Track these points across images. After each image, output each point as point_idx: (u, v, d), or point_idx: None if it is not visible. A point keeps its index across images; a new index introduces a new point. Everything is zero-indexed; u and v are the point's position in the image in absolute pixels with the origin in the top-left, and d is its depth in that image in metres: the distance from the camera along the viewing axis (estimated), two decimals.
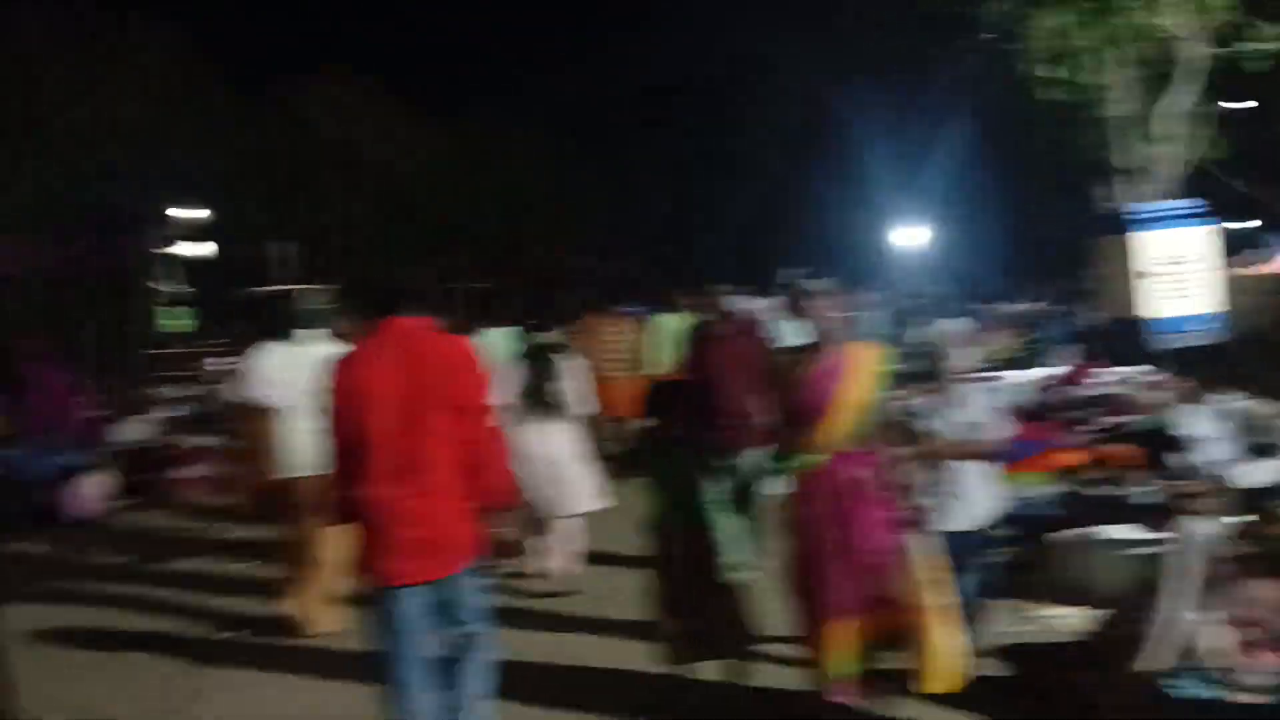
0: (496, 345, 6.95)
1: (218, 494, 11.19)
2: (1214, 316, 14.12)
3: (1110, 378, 12.61)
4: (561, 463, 6.30)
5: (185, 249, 25.23)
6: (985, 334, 23.02)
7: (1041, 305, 27.82)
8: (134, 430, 16.73)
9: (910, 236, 31.85)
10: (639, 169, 40.10)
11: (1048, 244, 32.74)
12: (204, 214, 27.60)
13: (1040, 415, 10.31)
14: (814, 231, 38.28)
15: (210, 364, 26.02)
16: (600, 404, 7.44)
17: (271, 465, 5.63)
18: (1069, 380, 12.26)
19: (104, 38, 27.35)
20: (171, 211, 27.32)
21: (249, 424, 5.84)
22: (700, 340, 6.92)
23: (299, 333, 5.64)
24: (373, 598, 3.72)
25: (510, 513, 4.29)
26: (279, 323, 5.72)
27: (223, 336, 26.10)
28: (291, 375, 5.30)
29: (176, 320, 24.19)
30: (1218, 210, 15.04)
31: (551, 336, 6.90)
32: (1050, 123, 24.16)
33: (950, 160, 31.19)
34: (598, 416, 7.21)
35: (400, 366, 3.62)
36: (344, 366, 3.71)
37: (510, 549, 4.51)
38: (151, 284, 25.30)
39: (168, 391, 21.52)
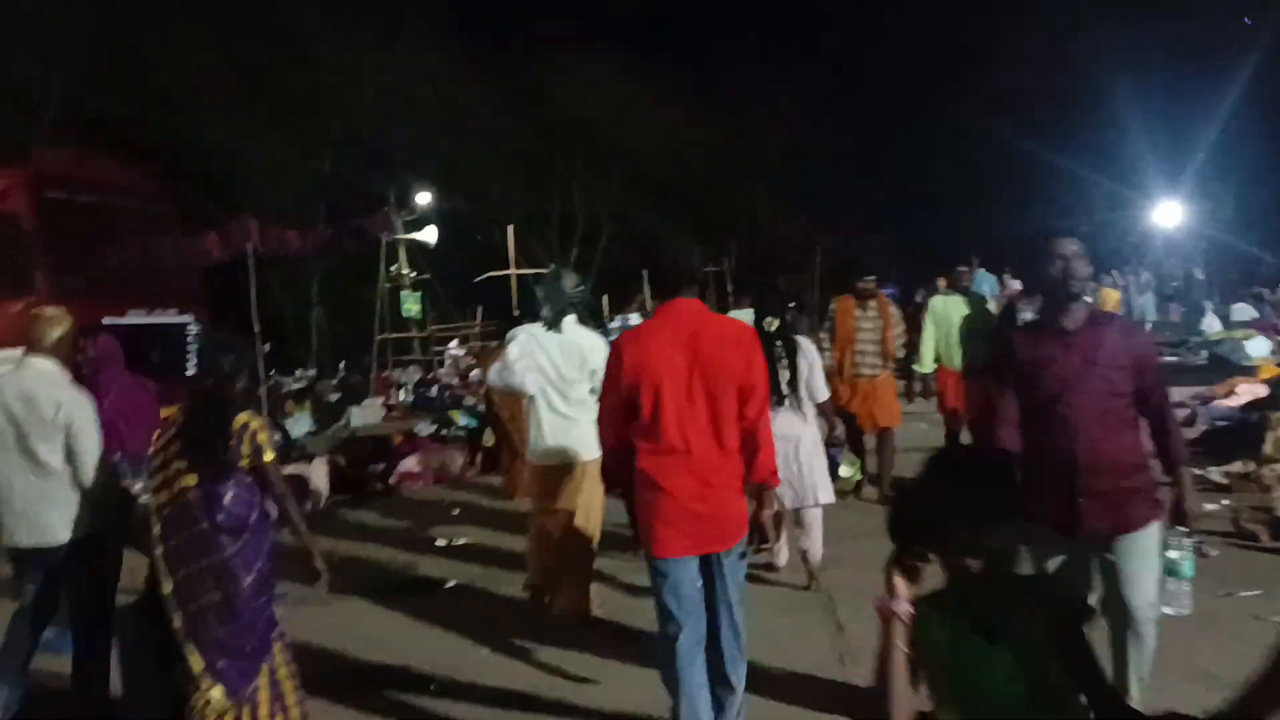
0: None
1: (440, 485, 10.88)
2: None
3: None
4: (798, 452, 6.01)
5: (420, 234, 25.19)
6: (1278, 322, 20.50)
7: None
8: (364, 416, 16.72)
9: (1172, 213, 28.61)
10: (889, 141, 38.05)
11: None
12: (429, 198, 27.67)
13: None
14: (1068, 208, 36.07)
15: (450, 348, 26.62)
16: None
17: (529, 451, 5.61)
18: None
19: (373, 23, 28.17)
20: (416, 197, 27.53)
21: (510, 410, 6.26)
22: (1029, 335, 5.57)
23: (555, 318, 5.44)
24: (651, 568, 3.85)
25: (771, 495, 4.09)
26: (535, 307, 5.63)
27: (458, 322, 26.19)
28: (550, 361, 5.33)
29: (413, 305, 24.23)
30: None
31: (789, 320, 6.44)
32: None
33: (1222, 127, 28.34)
34: (833, 407, 6.92)
35: (682, 346, 3.74)
36: (629, 345, 3.84)
37: (766, 533, 4.18)
38: (394, 269, 25.42)
39: (403, 376, 21.80)
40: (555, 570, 5.58)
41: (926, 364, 8.51)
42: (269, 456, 3.95)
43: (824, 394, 6.23)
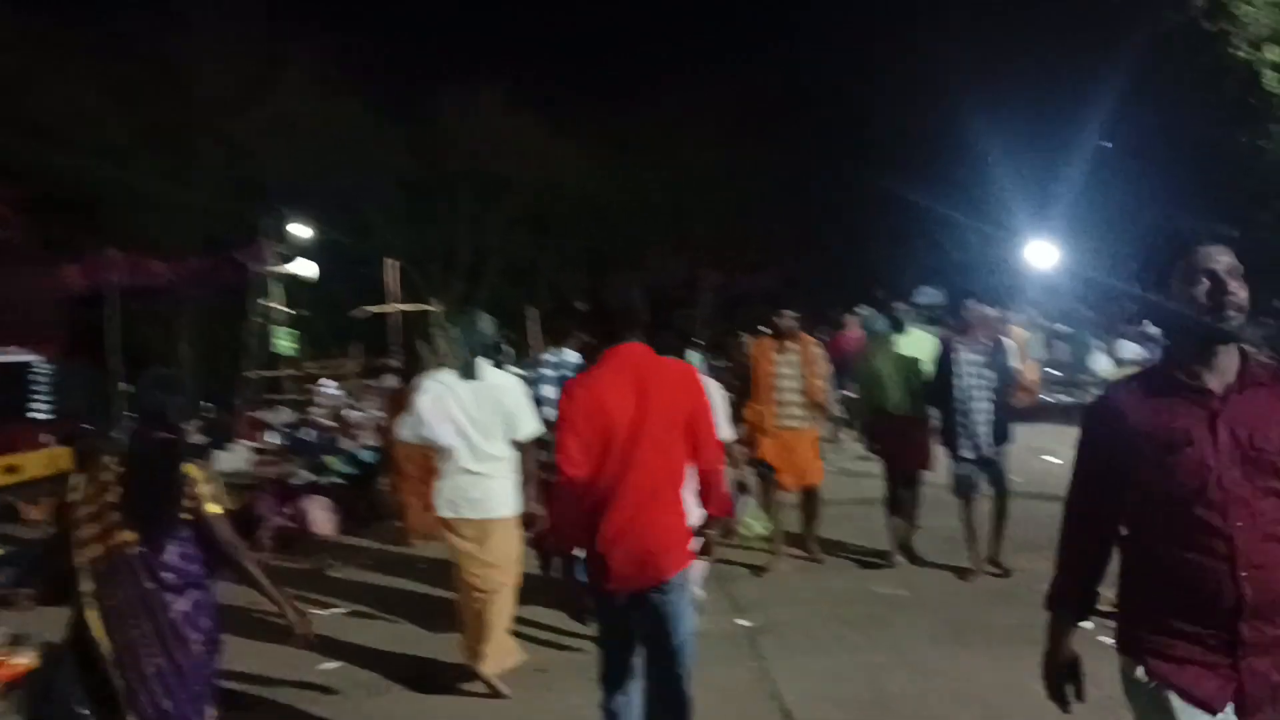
0: None
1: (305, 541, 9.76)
2: None
3: None
4: None
5: (296, 267, 24.04)
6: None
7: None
8: (230, 460, 15.47)
9: (1046, 253, 29.52)
10: (773, 181, 38.11)
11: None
12: (308, 231, 26.42)
13: None
14: (945, 248, 36.94)
15: (325, 387, 25.31)
16: (778, 464, 7.27)
17: (440, 507, 5.25)
18: None
19: (252, 54, 26.92)
20: (291, 228, 26.25)
21: (418, 463, 5.99)
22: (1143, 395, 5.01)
23: (470, 363, 5.15)
24: (594, 604, 3.91)
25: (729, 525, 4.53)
26: (452, 352, 5.28)
27: (335, 359, 24.97)
28: (464, 411, 5.04)
29: (286, 342, 22.95)
30: None
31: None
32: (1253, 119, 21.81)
33: (1092, 170, 29.69)
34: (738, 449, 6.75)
35: (632, 389, 3.77)
36: (581, 388, 3.87)
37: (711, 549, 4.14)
38: (265, 303, 24.15)
39: (274, 417, 20.51)
40: (477, 626, 5.28)
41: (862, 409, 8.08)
42: (215, 509, 3.74)
43: (727, 434, 5.92)
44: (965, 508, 6.79)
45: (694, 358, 7.54)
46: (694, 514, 4.00)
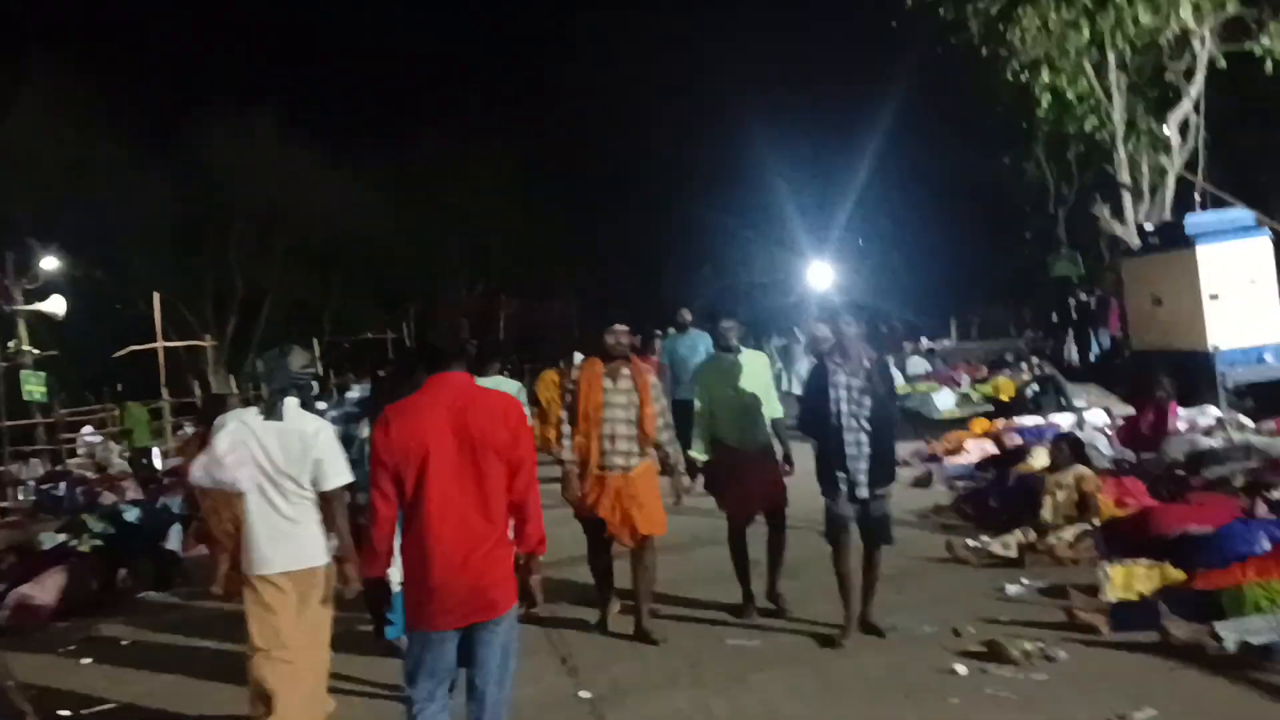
0: None
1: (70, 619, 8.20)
2: None
3: (1205, 422, 10.37)
4: None
5: (44, 304, 21.67)
6: (952, 373, 21.63)
7: (1020, 339, 26.29)
8: None
9: (824, 275, 30.73)
10: (565, 212, 37.80)
11: (986, 275, 32.29)
12: (55, 264, 23.98)
13: (1180, 482, 7.88)
14: (735, 271, 37.90)
15: (88, 435, 23.03)
16: (608, 515, 6.15)
17: (245, 561, 4.75)
18: (1155, 428, 9.89)
19: None
20: (43, 263, 23.76)
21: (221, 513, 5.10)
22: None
23: (274, 402, 4.69)
24: (411, 638, 3.86)
25: (538, 561, 4.02)
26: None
27: (92, 405, 22.80)
28: (265, 453, 4.62)
29: (35, 387, 20.58)
30: None
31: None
32: (1014, 138, 22.96)
33: (870, 193, 31.40)
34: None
35: (451, 419, 3.74)
36: (397, 418, 3.81)
37: (535, 599, 4.05)
38: (12, 345, 21.68)
39: (24, 471, 18.32)
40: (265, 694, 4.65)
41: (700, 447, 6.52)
42: None
43: None
44: (838, 556, 5.67)
45: (511, 385, 7.26)
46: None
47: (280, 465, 4.60)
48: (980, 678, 4.93)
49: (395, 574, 4.43)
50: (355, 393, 6.71)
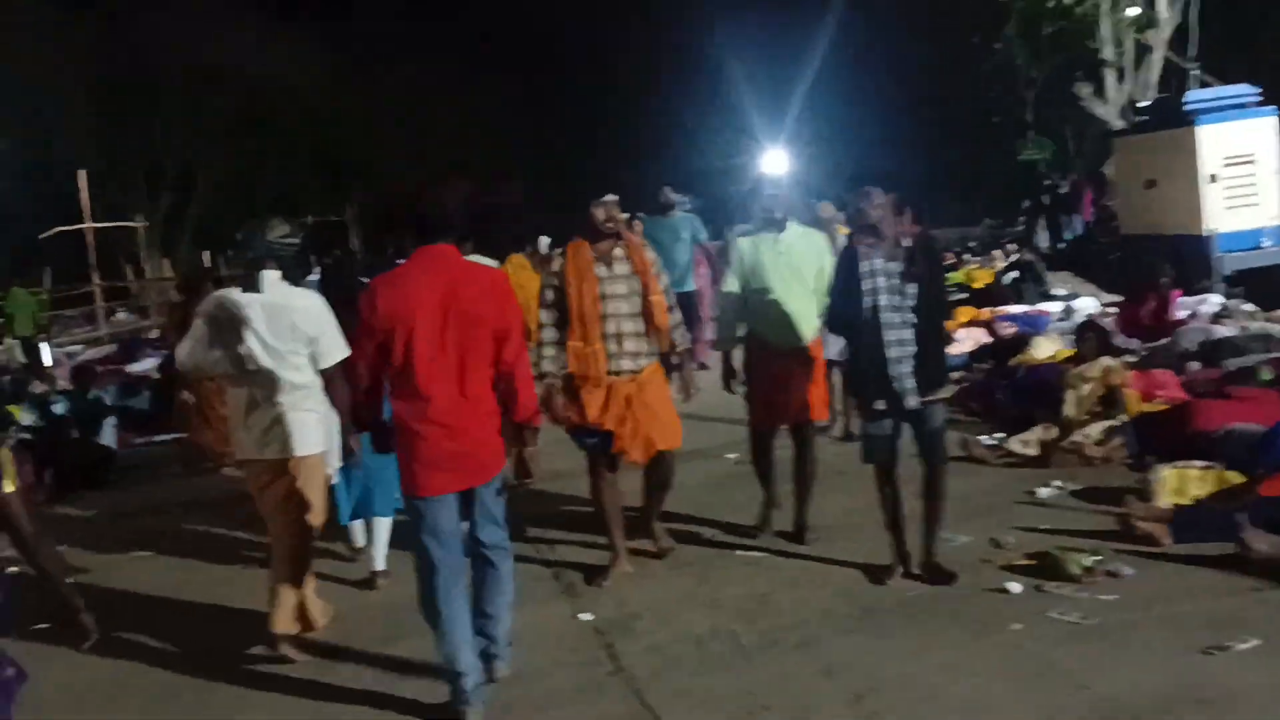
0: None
1: None
2: None
3: (1207, 310, 9.87)
4: None
5: None
6: None
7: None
8: None
9: (779, 160, 29.91)
10: (515, 92, 36.27)
11: (945, 161, 31.71)
12: None
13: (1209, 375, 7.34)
14: (685, 159, 36.97)
15: None
16: (618, 428, 5.20)
17: (236, 445, 4.72)
18: (1157, 317, 9.38)
19: None
20: None
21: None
22: None
23: (249, 274, 4.52)
24: (410, 507, 3.91)
25: (534, 433, 4.51)
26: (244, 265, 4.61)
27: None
28: (252, 330, 4.41)
29: None
30: None
31: None
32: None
33: (827, 76, 30.48)
34: None
35: (438, 290, 3.77)
36: (383, 288, 3.85)
37: (530, 470, 4.72)
38: None
39: None
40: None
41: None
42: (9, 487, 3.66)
43: None
44: (882, 482, 4.77)
45: (490, 263, 6.39)
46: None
47: (268, 342, 4.39)
48: (1038, 598, 4.35)
49: (334, 461, 4.77)
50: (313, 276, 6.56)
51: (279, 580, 4.55)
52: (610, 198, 5.09)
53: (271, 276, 4.47)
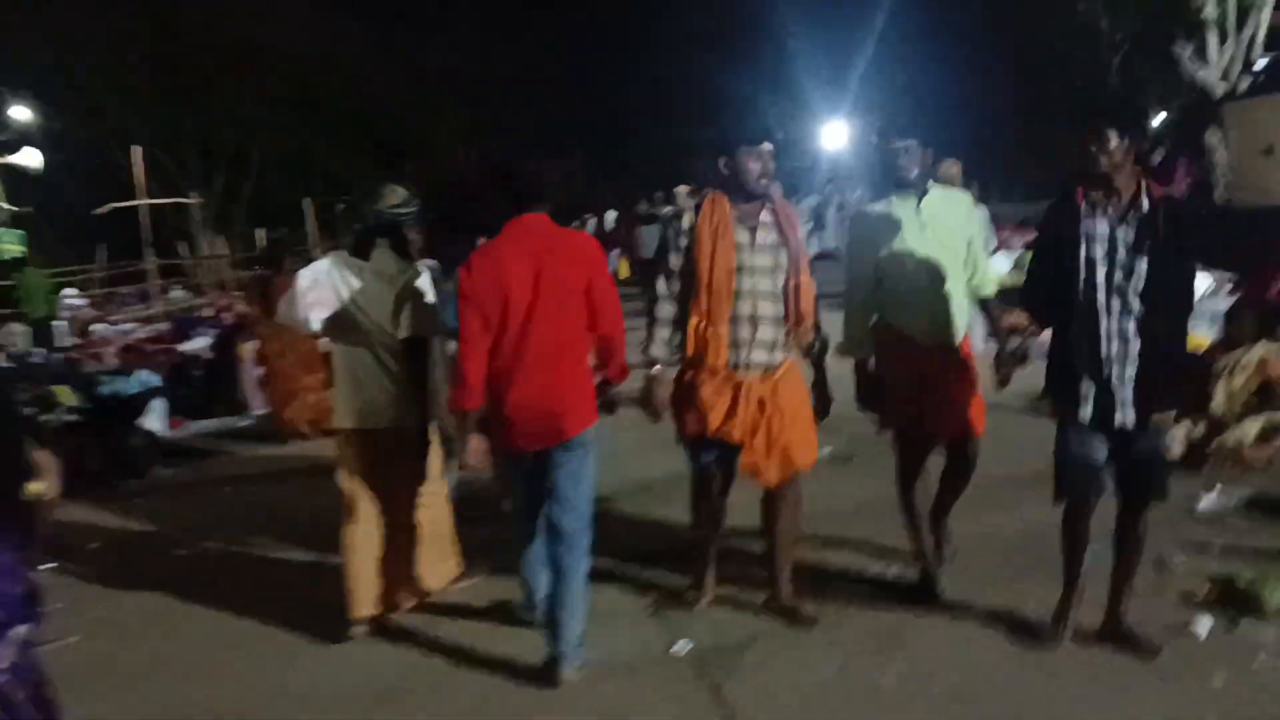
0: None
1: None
2: None
3: None
4: None
5: (19, 157, 19.98)
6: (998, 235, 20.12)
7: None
8: None
9: (838, 134, 28.77)
10: (570, 64, 35.60)
11: (1024, 131, 30.48)
12: (28, 114, 22.09)
13: None
14: (747, 126, 35.88)
15: (69, 297, 21.58)
16: (746, 438, 4.43)
17: (339, 413, 4.50)
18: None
19: None
20: (11, 112, 21.92)
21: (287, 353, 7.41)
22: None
23: (360, 243, 4.46)
24: (501, 463, 3.98)
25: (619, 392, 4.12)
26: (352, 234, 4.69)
27: (70, 265, 21.30)
28: (354, 298, 4.35)
29: (11, 245, 19.10)
30: None
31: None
32: None
33: (890, 44, 29.49)
34: None
35: (530, 259, 3.77)
36: (479, 259, 3.84)
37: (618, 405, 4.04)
38: None
39: (5, 337, 16.92)
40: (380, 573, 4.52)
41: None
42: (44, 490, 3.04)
43: None
44: (1073, 517, 3.71)
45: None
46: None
47: (364, 309, 4.35)
48: (1236, 642, 3.61)
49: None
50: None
51: (377, 556, 4.46)
52: (767, 147, 3.96)
53: (381, 245, 4.44)
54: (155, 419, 8.93)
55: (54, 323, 16.39)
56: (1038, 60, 27.85)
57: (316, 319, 4.41)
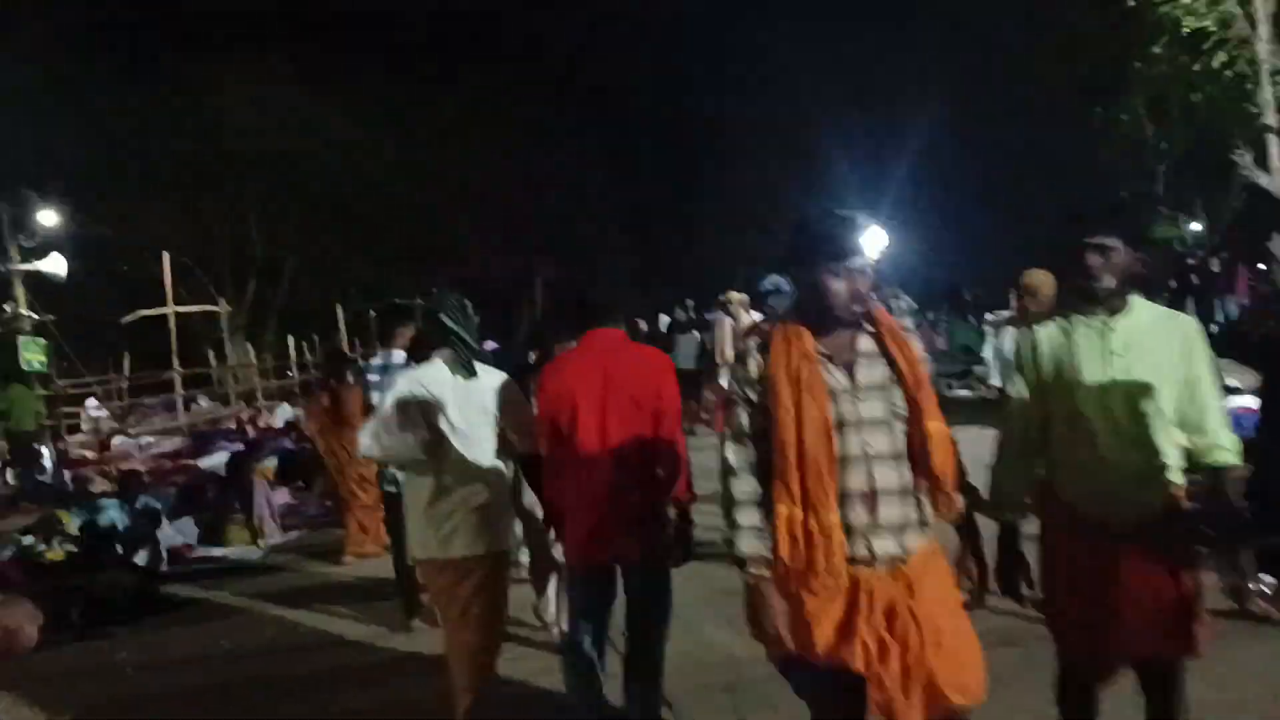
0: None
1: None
2: None
3: None
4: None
5: (44, 264, 19.69)
6: None
7: None
8: None
9: (876, 239, 28.38)
10: (596, 169, 35.56)
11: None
12: (55, 220, 21.82)
13: None
14: (778, 235, 35.65)
15: (93, 409, 21.10)
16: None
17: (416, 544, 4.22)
18: None
19: None
20: (41, 217, 21.72)
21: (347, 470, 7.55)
22: None
23: (469, 358, 4.18)
24: (570, 576, 4.18)
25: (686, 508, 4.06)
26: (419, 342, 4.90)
27: (89, 376, 20.84)
28: (445, 415, 4.09)
29: (35, 355, 18.66)
30: None
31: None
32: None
33: (928, 151, 29.20)
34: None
35: (599, 372, 3.91)
36: (551, 374, 4.06)
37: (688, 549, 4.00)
38: (8, 308, 19.78)
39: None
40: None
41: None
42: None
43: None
44: None
45: None
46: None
47: (458, 426, 4.08)
48: None
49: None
50: (401, 358, 6.35)
51: (459, 687, 4.13)
52: (858, 261, 2.79)
53: (445, 355, 4.20)
54: (150, 556, 8.19)
55: (41, 445, 15.64)
56: (1080, 172, 27.41)
57: (416, 443, 4.07)
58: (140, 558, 7.91)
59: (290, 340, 26.05)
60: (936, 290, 25.73)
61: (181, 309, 23.88)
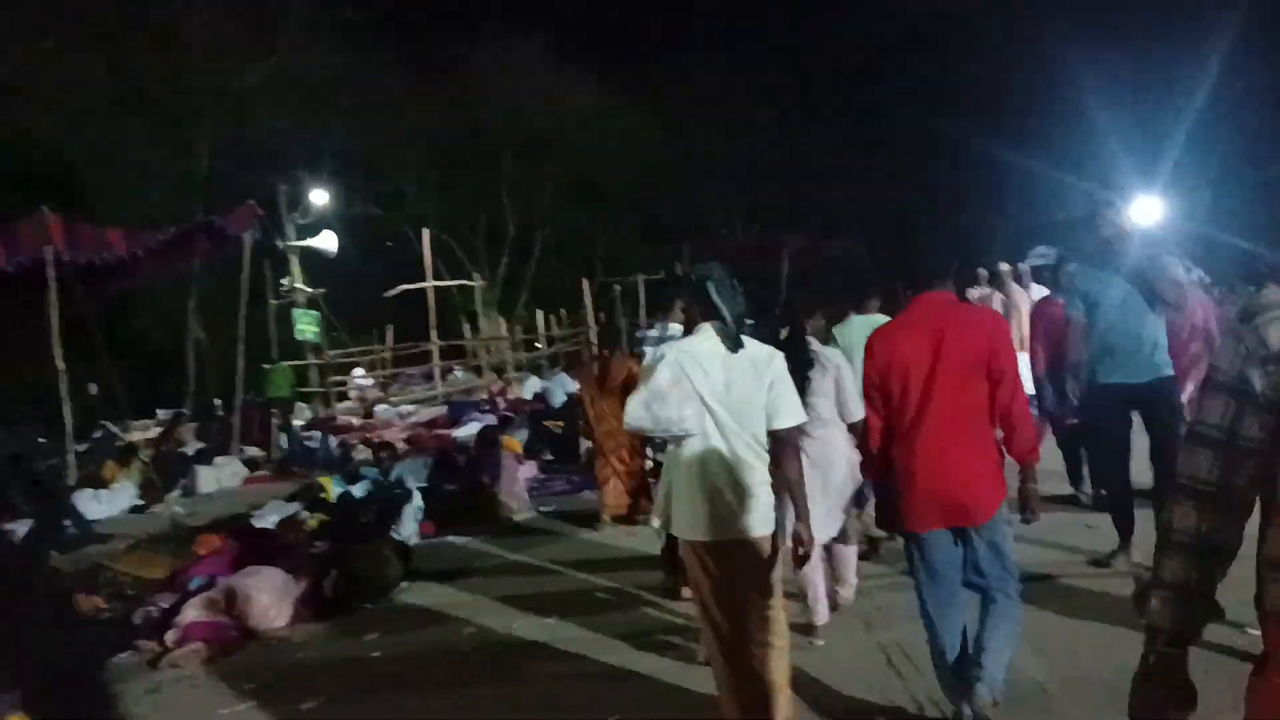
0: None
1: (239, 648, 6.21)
2: None
3: None
4: (825, 483, 5.23)
5: (317, 240, 20.81)
6: None
7: None
8: (213, 480, 12.27)
9: (1151, 209, 26.12)
10: (853, 144, 34.48)
11: None
12: (326, 199, 23.04)
13: None
14: (1046, 209, 33.63)
15: (359, 378, 22.21)
16: None
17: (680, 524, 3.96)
18: None
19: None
20: (314, 197, 22.99)
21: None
22: None
23: (738, 330, 3.95)
24: (906, 541, 4.08)
25: (1034, 470, 3.97)
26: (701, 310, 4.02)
27: (353, 346, 21.87)
28: (713, 389, 3.86)
29: (308, 326, 19.72)
30: None
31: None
32: None
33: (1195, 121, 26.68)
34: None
35: (930, 335, 3.89)
36: (879, 339, 4.04)
37: (1033, 506, 3.91)
38: (285, 282, 21.01)
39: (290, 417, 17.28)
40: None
41: None
42: None
43: (858, 412, 4.88)
44: None
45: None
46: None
47: (730, 405, 3.86)
48: None
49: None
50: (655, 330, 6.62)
51: (720, 684, 3.95)
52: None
53: (715, 327, 3.94)
54: (408, 526, 8.24)
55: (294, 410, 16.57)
56: None
57: (689, 418, 3.87)
58: (401, 529, 7.97)
59: (539, 314, 26.62)
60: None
61: (440, 283, 24.82)
